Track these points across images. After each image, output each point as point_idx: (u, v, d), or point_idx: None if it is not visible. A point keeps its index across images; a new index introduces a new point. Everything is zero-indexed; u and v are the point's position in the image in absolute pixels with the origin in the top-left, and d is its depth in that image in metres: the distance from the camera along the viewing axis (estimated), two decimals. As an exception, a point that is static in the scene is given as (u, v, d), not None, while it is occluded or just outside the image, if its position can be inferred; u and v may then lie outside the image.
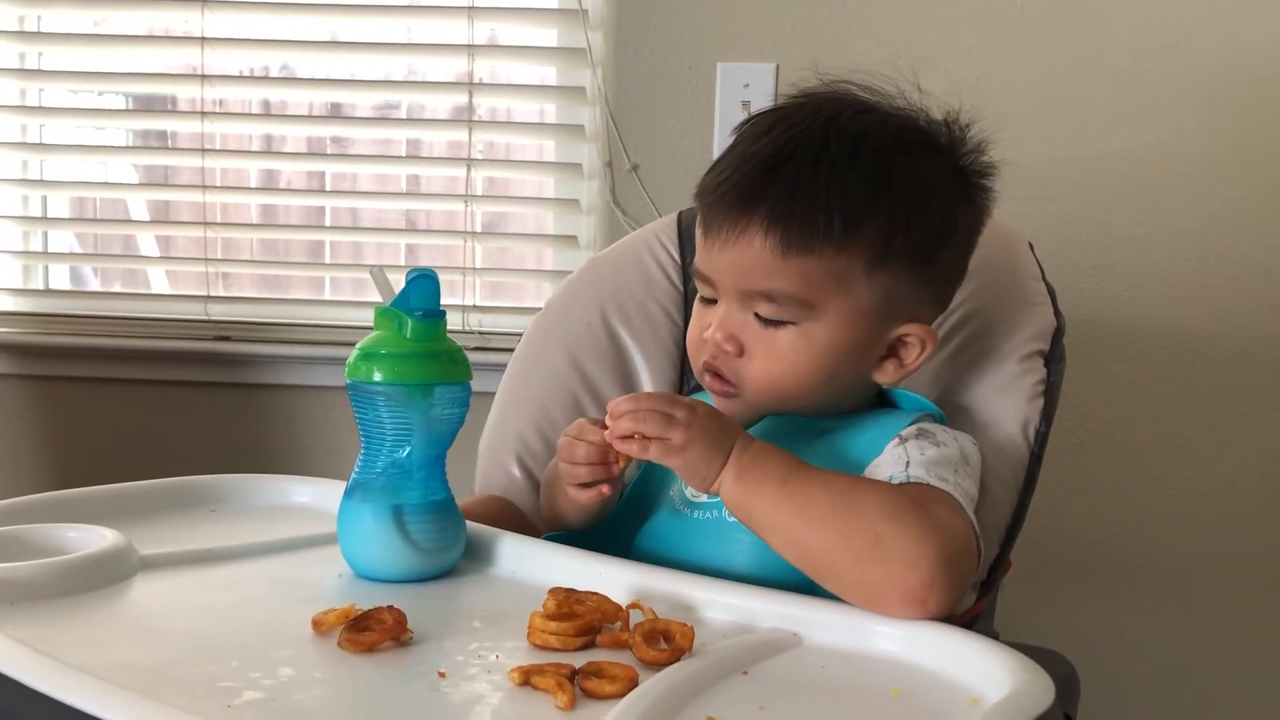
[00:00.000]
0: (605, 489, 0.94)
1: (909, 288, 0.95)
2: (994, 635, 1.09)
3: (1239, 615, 1.79)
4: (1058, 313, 1.15)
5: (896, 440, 0.93)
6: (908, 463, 0.89)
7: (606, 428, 0.90)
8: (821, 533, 0.83)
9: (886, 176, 0.93)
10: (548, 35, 1.92)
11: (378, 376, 0.89)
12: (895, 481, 0.88)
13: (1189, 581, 1.78)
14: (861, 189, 0.91)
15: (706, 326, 0.96)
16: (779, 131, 0.95)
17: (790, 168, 0.92)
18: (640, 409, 0.87)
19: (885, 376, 0.98)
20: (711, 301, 0.98)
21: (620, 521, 1.03)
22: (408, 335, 0.89)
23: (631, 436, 0.87)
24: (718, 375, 0.96)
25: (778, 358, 0.94)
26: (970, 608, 1.01)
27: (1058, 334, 1.14)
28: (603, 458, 0.93)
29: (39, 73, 2.00)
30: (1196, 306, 1.73)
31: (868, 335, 0.95)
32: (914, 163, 0.95)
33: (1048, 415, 1.09)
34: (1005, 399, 1.08)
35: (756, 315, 0.94)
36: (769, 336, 0.94)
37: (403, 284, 0.91)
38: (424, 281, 0.91)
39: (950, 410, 1.07)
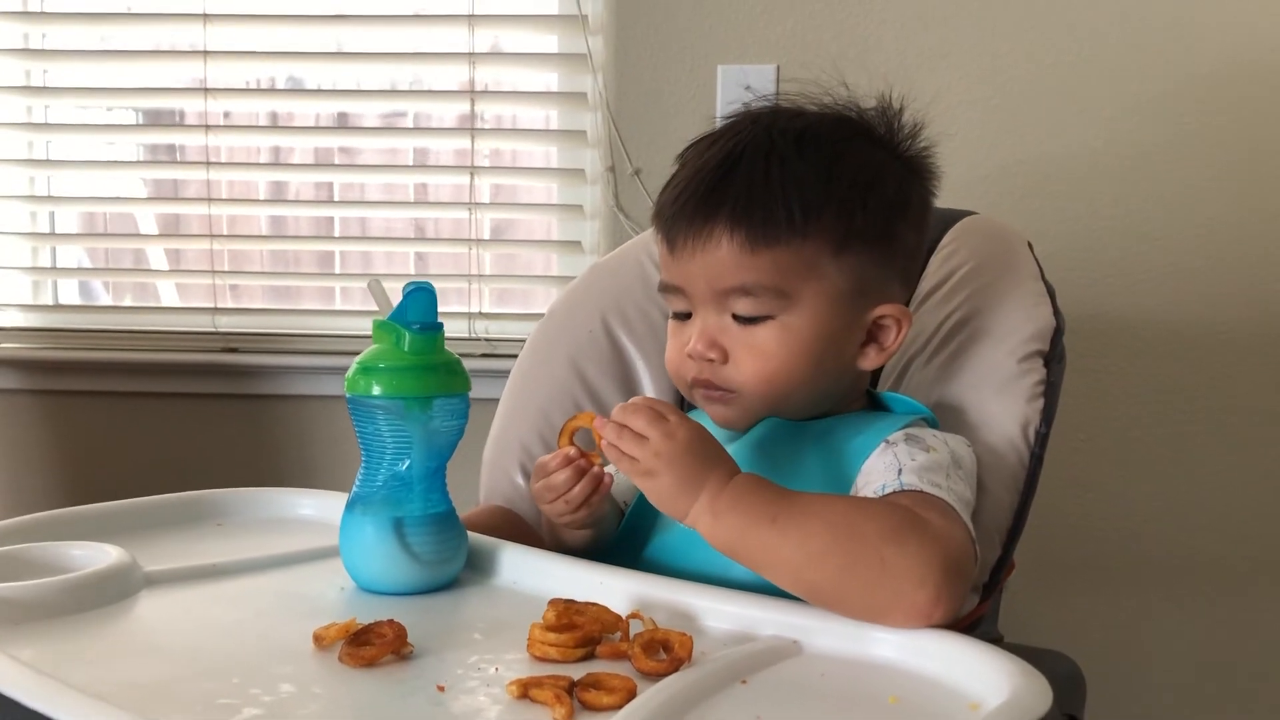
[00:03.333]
0: (603, 488, 0.96)
1: (876, 267, 0.96)
2: (998, 636, 1.09)
3: (1246, 613, 1.78)
4: (1057, 312, 1.15)
5: (884, 445, 0.93)
6: (900, 469, 0.89)
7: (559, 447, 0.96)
8: (824, 569, 0.81)
9: (835, 164, 0.95)
10: (548, 41, 1.92)
11: (376, 390, 0.89)
12: (888, 490, 0.88)
13: (1196, 579, 1.78)
14: (814, 178, 0.94)
15: (686, 342, 0.97)
16: (724, 142, 0.98)
17: (743, 169, 0.95)
18: (625, 422, 0.87)
19: (868, 361, 0.99)
20: (684, 317, 0.99)
21: (626, 541, 1.03)
22: (405, 348, 0.90)
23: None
24: (709, 385, 0.97)
25: (764, 355, 0.94)
26: (973, 610, 1.01)
27: (1057, 334, 1.13)
28: (579, 474, 0.95)
29: (45, 89, 2.01)
30: (1201, 303, 1.73)
31: (845, 320, 0.96)
32: (857, 148, 0.98)
33: (1048, 415, 1.08)
34: (1005, 400, 1.08)
35: (734, 316, 0.95)
36: (750, 335, 0.95)
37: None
38: (421, 294, 0.91)
39: (950, 412, 1.07)
